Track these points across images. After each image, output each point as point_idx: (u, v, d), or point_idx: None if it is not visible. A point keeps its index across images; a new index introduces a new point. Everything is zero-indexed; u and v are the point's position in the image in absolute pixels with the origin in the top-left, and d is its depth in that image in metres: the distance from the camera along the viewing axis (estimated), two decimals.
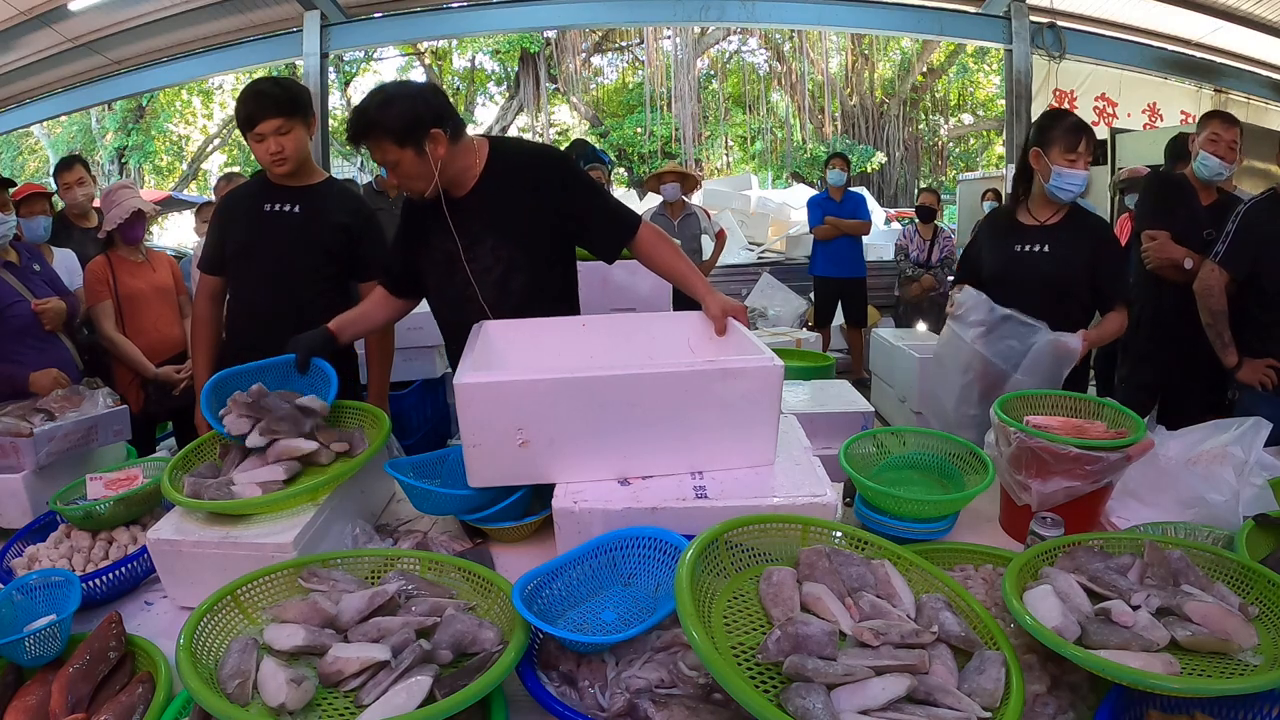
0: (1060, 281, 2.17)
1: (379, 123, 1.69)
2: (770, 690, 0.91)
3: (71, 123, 15.67)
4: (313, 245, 2.14)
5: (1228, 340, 2.51)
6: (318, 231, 2.14)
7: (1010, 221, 2.30)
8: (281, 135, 2.03)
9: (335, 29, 7.04)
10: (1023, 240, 2.24)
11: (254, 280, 2.17)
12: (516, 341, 1.77)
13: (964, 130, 18.98)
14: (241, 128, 2.08)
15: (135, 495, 1.55)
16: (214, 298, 2.26)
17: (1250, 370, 2.45)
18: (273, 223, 2.12)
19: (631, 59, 19.31)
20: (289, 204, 2.13)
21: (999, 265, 2.28)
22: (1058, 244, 2.19)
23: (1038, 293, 2.15)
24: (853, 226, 5.86)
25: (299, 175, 2.13)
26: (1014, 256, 2.24)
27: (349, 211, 2.20)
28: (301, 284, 2.14)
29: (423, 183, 1.76)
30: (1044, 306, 2.12)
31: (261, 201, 2.13)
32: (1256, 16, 6.70)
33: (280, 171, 2.09)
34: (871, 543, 1.20)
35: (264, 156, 2.07)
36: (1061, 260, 2.18)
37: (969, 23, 7.30)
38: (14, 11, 5.92)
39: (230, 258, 2.18)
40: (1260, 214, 2.44)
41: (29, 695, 1.10)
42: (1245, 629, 1.00)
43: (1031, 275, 2.19)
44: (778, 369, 1.37)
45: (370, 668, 0.96)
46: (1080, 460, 1.40)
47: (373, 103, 1.70)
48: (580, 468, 1.38)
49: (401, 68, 18.77)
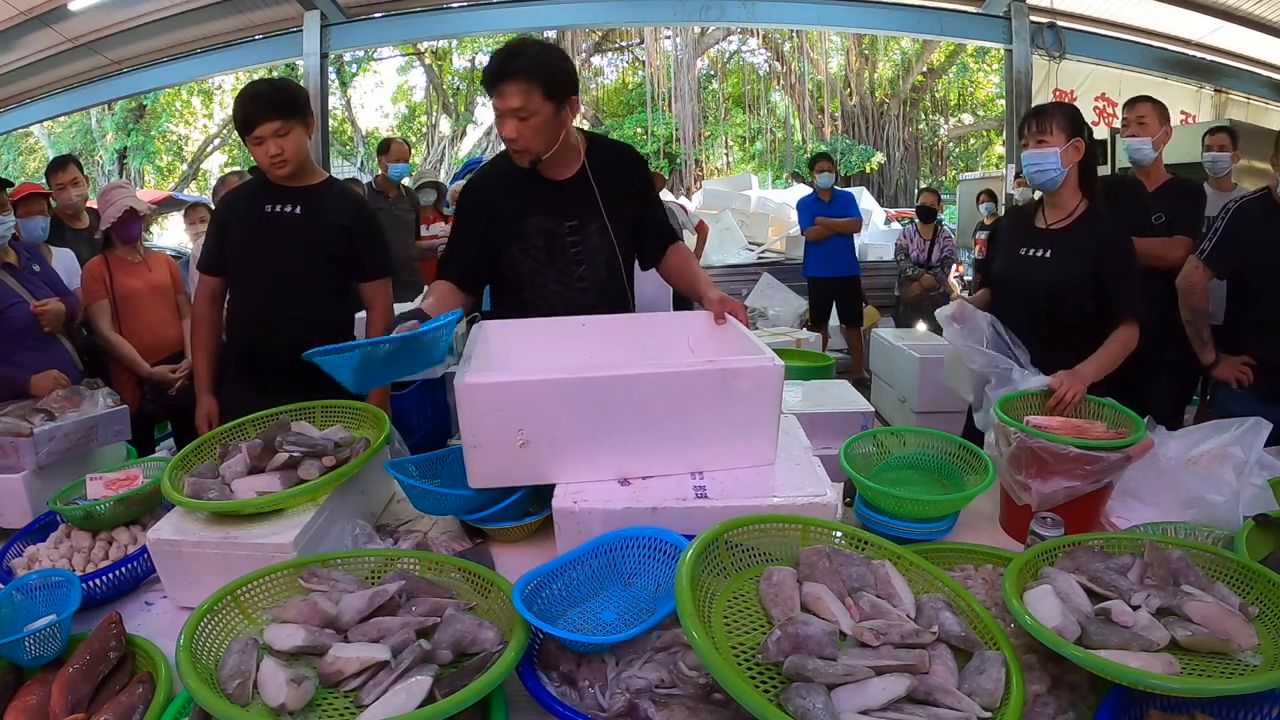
0: (1056, 290, 2.02)
1: (539, 67, 1.68)
2: (770, 690, 0.91)
3: (71, 123, 15.68)
4: (314, 246, 2.14)
5: (1206, 338, 2.49)
6: (319, 232, 2.13)
7: (1026, 223, 2.17)
8: (280, 137, 2.02)
9: (335, 29, 7.05)
10: (1029, 243, 2.11)
11: (255, 281, 2.17)
12: (517, 341, 1.77)
13: (964, 130, 18.98)
14: (240, 131, 2.06)
15: (135, 495, 1.55)
16: (214, 299, 2.25)
17: (1227, 367, 2.44)
18: (274, 224, 2.11)
19: (631, 59, 19.31)
20: (290, 205, 2.12)
21: (1003, 268, 2.19)
22: (1061, 249, 2.04)
23: (1033, 301, 2.06)
24: (843, 225, 5.87)
25: (299, 176, 2.13)
26: (1018, 260, 2.12)
27: (350, 212, 2.19)
28: (303, 285, 2.14)
29: (545, 143, 1.77)
30: (1039, 317, 2.04)
31: (262, 202, 2.13)
32: (1256, 16, 6.70)
33: (280, 174, 2.08)
34: (871, 543, 1.20)
35: (263, 159, 2.06)
36: (1061, 267, 2.02)
37: (969, 23, 7.31)
38: (14, 11, 5.92)
39: (231, 258, 2.18)
40: (1250, 213, 2.42)
41: (29, 695, 1.10)
42: (1245, 629, 1.00)
43: (1029, 282, 2.08)
44: (778, 369, 1.37)
45: (370, 668, 0.96)
46: (1080, 460, 1.40)
47: (531, 47, 1.69)
48: (581, 468, 1.38)
49: (401, 67, 18.78)
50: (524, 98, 1.69)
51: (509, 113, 1.72)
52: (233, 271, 2.20)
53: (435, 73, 18.42)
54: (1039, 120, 2.01)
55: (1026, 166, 2.04)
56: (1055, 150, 1.97)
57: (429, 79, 18.69)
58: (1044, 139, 1.99)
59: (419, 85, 19.17)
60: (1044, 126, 1.99)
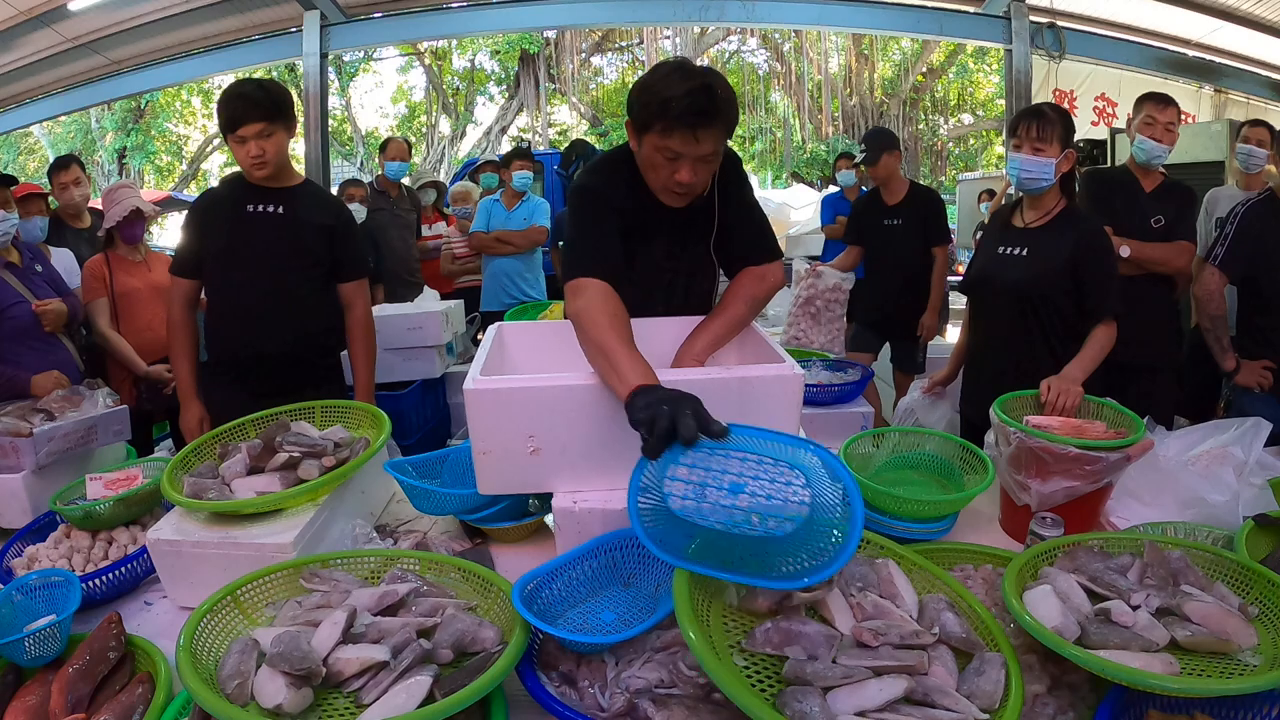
0: (1030, 289, 2.01)
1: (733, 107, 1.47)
2: (767, 690, 0.91)
3: (71, 123, 15.69)
4: (299, 245, 2.16)
5: (1226, 345, 2.49)
6: (303, 232, 2.16)
7: (1004, 223, 2.17)
8: (263, 139, 2.03)
9: (335, 29, 7.04)
10: (1006, 242, 2.10)
11: (242, 280, 2.15)
12: (531, 346, 1.75)
13: (964, 130, 18.99)
14: (223, 129, 2.07)
15: (135, 495, 1.55)
16: (190, 303, 2.22)
17: (1248, 372, 2.44)
18: (258, 223, 2.12)
19: (631, 59, 19.31)
20: (273, 205, 2.13)
21: (979, 267, 2.18)
22: (1036, 248, 2.02)
23: (1008, 300, 2.05)
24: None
25: (279, 177, 2.14)
26: (994, 259, 2.11)
27: (330, 213, 2.24)
28: (292, 282, 2.15)
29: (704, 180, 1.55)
30: (1013, 316, 2.03)
31: (244, 203, 2.12)
32: (1256, 16, 6.70)
33: (260, 175, 2.09)
34: (871, 542, 1.20)
35: (244, 159, 2.06)
36: (1035, 265, 2.00)
37: (969, 23, 7.30)
38: (14, 11, 5.91)
39: (212, 259, 2.16)
40: (1257, 215, 2.42)
41: (29, 695, 1.10)
42: (1245, 629, 1.00)
43: (1003, 280, 2.06)
44: (797, 378, 1.33)
45: (370, 668, 0.96)
46: (1080, 460, 1.40)
47: (720, 81, 1.46)
48: (593, 478, 1.33)
49: (401, 68, 18.78)
50: (716, 142, 1.47)
51: (697, 157, 1.46)
52: (214, 273, 2.18)
53: (435, 73, 18.43)
54: (1040, 126, 1.97)
55: (1019, 170, 2.00)
56: (1052, 161, 1.97)
57: (429, 79, 18.71)
58: (1041, 148, 1.97)
59: (419, 85, 19.21)
60: (1045, 135, 1.96)
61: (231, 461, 1.51)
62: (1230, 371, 2.49)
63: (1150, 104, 2.65)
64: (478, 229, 4.53)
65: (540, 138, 17.59)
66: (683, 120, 1.41)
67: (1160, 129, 2.59)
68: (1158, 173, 2.70)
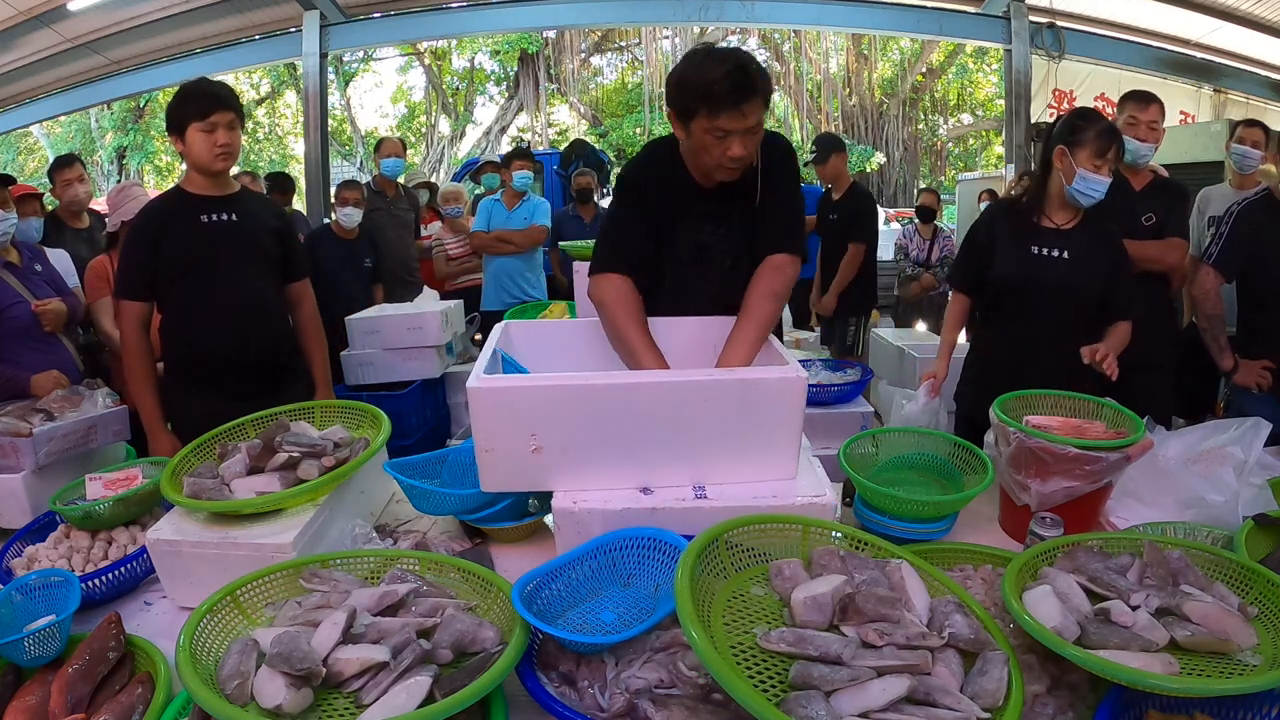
0: (1077, 290, 2.06)
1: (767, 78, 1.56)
2: (771, 690, 0.91)
3: (71, 123, 15.69)
4: (258, 250, 2.19)
5: (1223, 344, 2.49)
6: (258, 236, 2.19)
7: (1027, 222, 2.15)
8: (230, 130, 2.05)
9: (335, 29, 7.05)
10: (1040, 243, 2.09)
11: (208, 291, 2.11)
12: (537, 344, 1.75)
13: (963, 130, 18.98)
14: (188, 119, 2.02)
15: (135, 495, 1.55)
16: (143, 325, 2.14)
17: (1246, 372, 2.44)
18: (216, 233, 2.11)
19: (631, 59, 19.32)
20: (225, 213, 2.13)
21: (1013, 267, 2.14)
22: (1078, 250, 2.07)
23: (1051, 299, 2.08)
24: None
25: (222, 184, 2.15)
26: (1030, 259, 2.10)
27: (275, 215, 2.32)
28: (257, 287, 2.19)
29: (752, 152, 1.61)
30: (1054, 314, 2.06)
31: (197, 214, 2.10)
32: (1256, 16, 6.71)
33: (221, 167, 2.09)
34: (871, 543, 1.20)
35: (208, 149, 2.03)
36: (1080, 268, 2.05)
37: (969, 23, 7.31)
38: (14, 11, 5.92)
39: (171, 274, 2.10)
40: (1253, 214, 2.41)
41: (29, 695, 1.10)
42: (1245, 629, 1.00)
43: (1047, 280, 2.07)
44: (800, 380, 1.32)
45: (370, 668, 0.96)
46: (1080, 460, 1.40)
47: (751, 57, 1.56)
48: (595, 477, 1.33)
49: (401, 68, 18.78)
50: (760, 113, 1.55)
51: (745, 130, 1.53)
52: (175, 288, 2.12)
53: (434, 73, 18.43)
54: (1118, 149, 2.02)
55: (1093, 188, 2.01)
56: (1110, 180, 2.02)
57: (428, 79, 18.71)
58: (1103, 166, 2.00)
59: (418, 85, 19.21)
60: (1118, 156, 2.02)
61: (231, 462, 1.51)
62: (1229, 371, 2.49)
63: (1132, 104, 2.65)
64: (478, 229, 4.53)
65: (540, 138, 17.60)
66: (728, 100, 1.50)
67: (1143, 128, 2.58)
68: (1147, 171, 2.69)
